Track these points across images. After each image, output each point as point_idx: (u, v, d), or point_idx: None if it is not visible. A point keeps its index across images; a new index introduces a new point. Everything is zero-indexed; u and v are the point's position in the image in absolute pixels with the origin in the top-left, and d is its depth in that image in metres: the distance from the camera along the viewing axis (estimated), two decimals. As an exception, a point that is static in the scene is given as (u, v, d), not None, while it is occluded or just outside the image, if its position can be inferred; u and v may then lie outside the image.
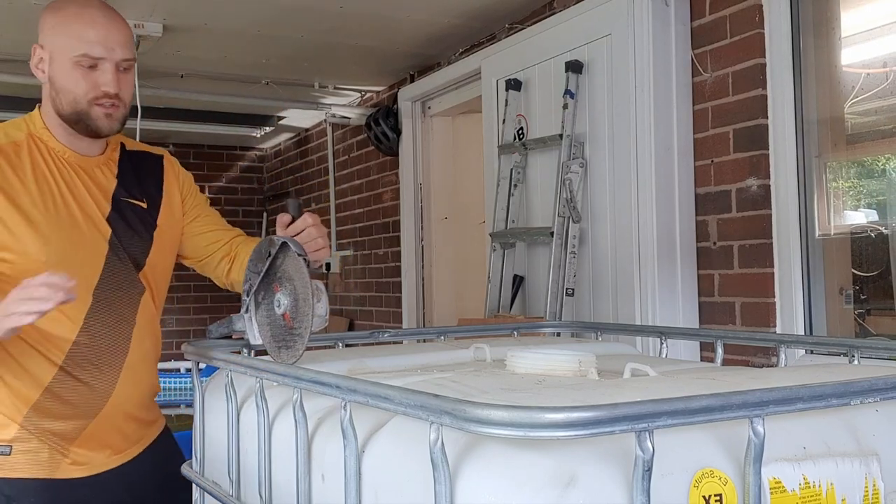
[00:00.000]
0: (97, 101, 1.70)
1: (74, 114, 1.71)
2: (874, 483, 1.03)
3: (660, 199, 2.74)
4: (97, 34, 1.67)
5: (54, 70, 1.70)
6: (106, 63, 1.68)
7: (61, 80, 1.69)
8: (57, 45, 1.69)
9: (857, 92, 2.58)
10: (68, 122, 1.73)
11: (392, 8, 3.49)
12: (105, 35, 1.68)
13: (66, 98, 1.70)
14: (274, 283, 1.53)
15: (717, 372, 1.47)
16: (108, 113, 1.72)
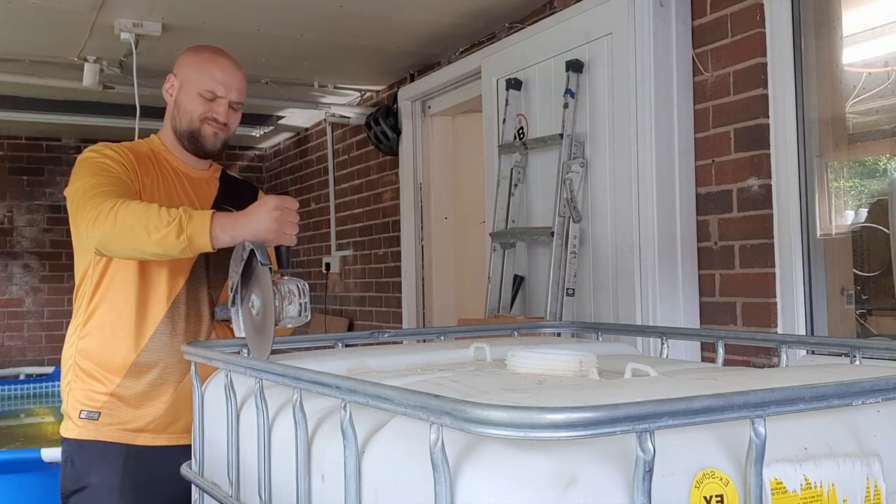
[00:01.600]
0: (208, 121, 2.12)
1: (188, 131, 2.13)
2: (876, 484, 1.03)
3: (660, 199, 2.73)
4: (223, 77, 2.12)
5: (181, 95, 2.13)
6: (222, 100, 2.12)
7: (185, 102, 2.12)
8: (189, 77, 2.13)
9: (859, 91, 2.58)
10: (181, 138, 2.15)
11: (392, 8, 3.49)
12: (228, 80, 2.12)
13: (185, 117, 2.13)
14: (250, 284, 1.71)
15: (719, 372, 1.47)
16: (216, 132, 2.14)
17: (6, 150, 6.21)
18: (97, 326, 2.08)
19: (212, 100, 2.11)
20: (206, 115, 2.12)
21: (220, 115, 2.13)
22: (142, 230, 1.76)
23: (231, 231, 1.75)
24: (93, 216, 1.82)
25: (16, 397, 5.46)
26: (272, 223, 1.74)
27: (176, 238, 1.74)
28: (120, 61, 4.03)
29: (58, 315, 6.33)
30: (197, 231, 1.75)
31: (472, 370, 1.44)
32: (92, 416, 2.05)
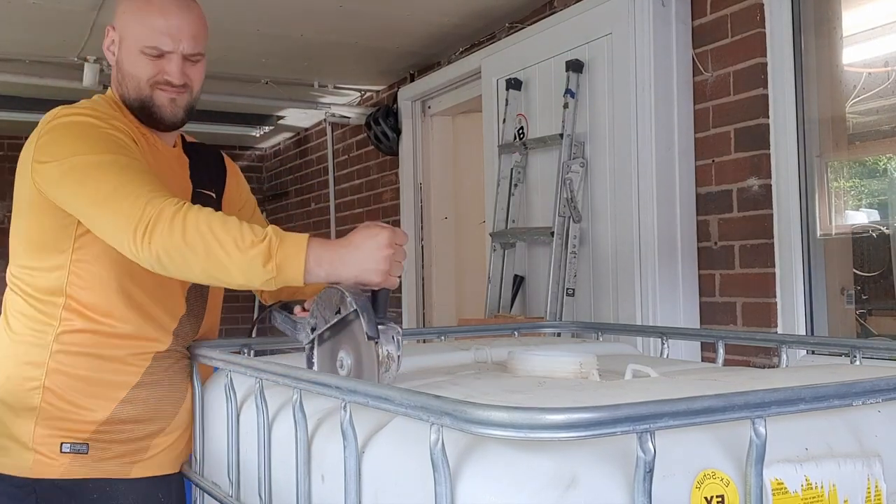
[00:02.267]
0: (159, 86, 1.64)
1: (138, 100, 1.65)
2: (876, 484, 1.02)
3: (661, 199, 2.73)
4: (166, 25, 1.61)
5: (122, 55, 1.66)
6: (172, 55, 1.63)
7: (127, 64, 1.65)
8: (127, 30, 1.65)
9: (859, 91, 2.58)
10: (132, 109, 1.67)
11: (392, 8, 3.49)
12: (174, 27, 1.62)
13: (131, 83, 1.65)
14: (341, 339, 1.38)
15: (719, 373, 1.47)
16: (172, 98, 1.66)
17: (6, 150, 6.20)
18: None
19: (159, 56, 1.63)
20: (154, 78, 1.64)
21: (173, 76, 1.64)
22: (219, 249, 1.35)
23: (329, 266, 1.36)
24: (145, 221, 1.38)
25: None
26: (382, 263, 1.36)
27: (263, 266, 1.34)
28: (120, 61, 4.02)
29: (58, 315, 6.33)
30: (288, 258, 1.35)
31: (472, 373, 1.44)
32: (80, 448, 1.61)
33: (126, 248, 1.42)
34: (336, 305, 1.36)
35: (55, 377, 1.59)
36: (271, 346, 1.93)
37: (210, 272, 1.38)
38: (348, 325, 1.36)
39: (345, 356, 1.36)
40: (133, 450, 1.65)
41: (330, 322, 1.37)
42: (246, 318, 6.75)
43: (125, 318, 1.62)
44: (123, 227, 1.40)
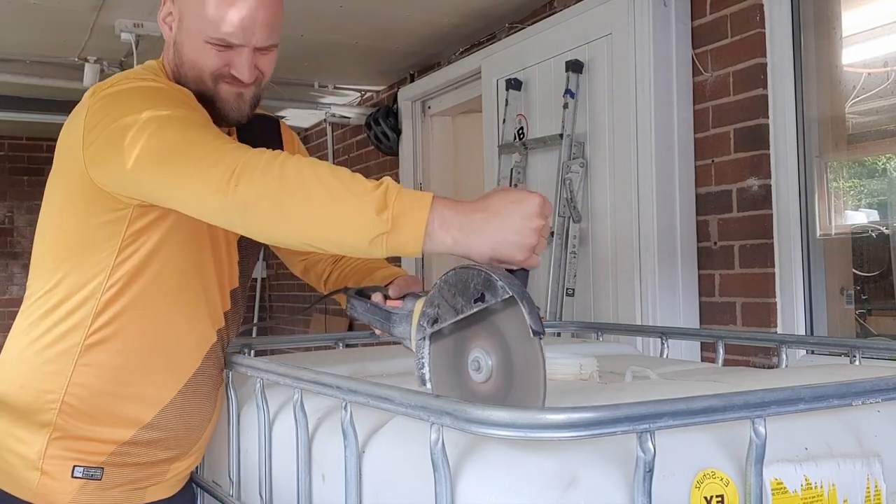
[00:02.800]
0: (225, 80, 1.42)
1: (198, 91, 1.41)
2: (876, 484, 1.03)
3: (660, 199, 2.73)
4: (239, 14, 1.36)
5: (183, 37, 1.41)
6: (243, 49, 1.40)
7: (189, 51, 1.40)
8: (192, 13, 1.38)
9: (858, 91, 2.58)
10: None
11: (392, 8, 3.49)
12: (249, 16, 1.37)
13: (192, 72, 1.42)
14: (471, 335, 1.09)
15: (719, 373, 1.47)
16: (239, 93, 1.44)
17: (6, 150, 6.21)
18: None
19: (226, 48, 1.39)
20: (220, 71, 1.41)
21: (243, 74, 1.42)
22: (325, 194, 1.10)
23: (458, 232, 1.08)
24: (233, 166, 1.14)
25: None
26: (529, 236, 1.11)
27: (376, 214, 1.07)
28: (120, 61, 4.02)
29: (58, 315, 6.33)
30: (409, 211, 1.08)
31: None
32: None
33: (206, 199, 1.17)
34: (477, 291, 1.06)
35: (77, 390, 1.39)
36: (272, 346, 1.93)
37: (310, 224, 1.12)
38: (488, 316, 1.07)
39: (483, 356, 1.06)
40: (150, 475, 1.47)
41: (465, 312, 1.07)
42: (246, 318, 6.75)
43: (165, 332, 1.43)
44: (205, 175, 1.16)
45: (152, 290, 1.40)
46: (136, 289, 1.39)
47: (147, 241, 1.37)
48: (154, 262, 1.39)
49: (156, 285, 1.40)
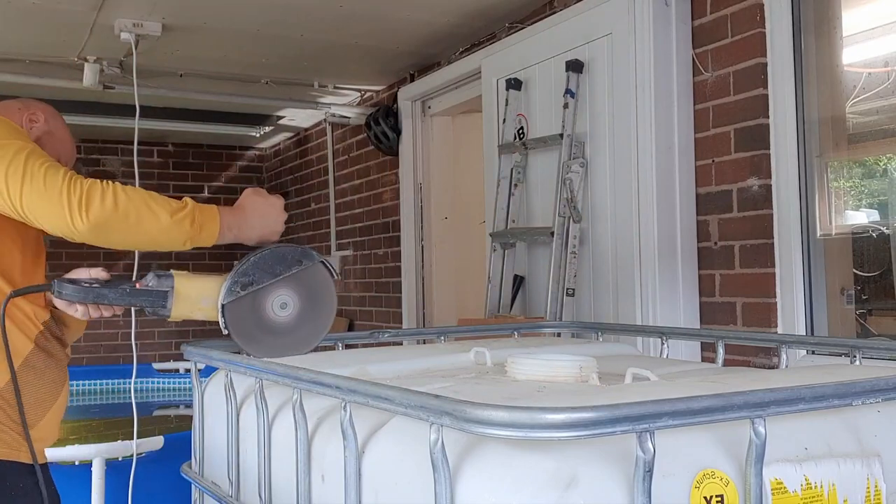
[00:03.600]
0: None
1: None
2: (876, 484, 1.02)
3: (661, 199, 2.73)
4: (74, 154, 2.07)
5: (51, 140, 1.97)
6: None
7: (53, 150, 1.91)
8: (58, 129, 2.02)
9: (859, 91, 2.58)
10: None
11: (392, 8, 3.49)
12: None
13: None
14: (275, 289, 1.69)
15: (719, 374, 1.47)
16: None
17: (6, 150, 6.20)
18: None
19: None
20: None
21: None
22: (150, 216, 1.61)
23: (237, 231, 1.72)
24: (76, 198, 1.58)
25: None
26: (279, 226, 1.75)
27: (190, 226, 1.64)
28: (120, 61, 4.03)
29: (58, 315, 6.33)
30: (207, 222, 1.66)
31: (472, 377, 1.43)
32: None
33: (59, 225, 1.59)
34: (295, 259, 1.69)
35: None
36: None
37: (143, 238, 1.64)
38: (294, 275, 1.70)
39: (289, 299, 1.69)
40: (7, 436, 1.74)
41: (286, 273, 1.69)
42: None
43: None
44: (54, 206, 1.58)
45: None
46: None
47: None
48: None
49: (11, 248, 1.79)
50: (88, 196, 1.58)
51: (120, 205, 1.59)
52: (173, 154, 6.67)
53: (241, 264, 1.67)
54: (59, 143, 2.00)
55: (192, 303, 1.67)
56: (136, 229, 1.61)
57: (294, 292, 1.70)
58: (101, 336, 6.36)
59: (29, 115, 1.97)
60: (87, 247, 1.94)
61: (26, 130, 1.88)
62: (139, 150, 3.44)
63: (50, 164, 1.64)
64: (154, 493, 2.74)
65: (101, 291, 1.66)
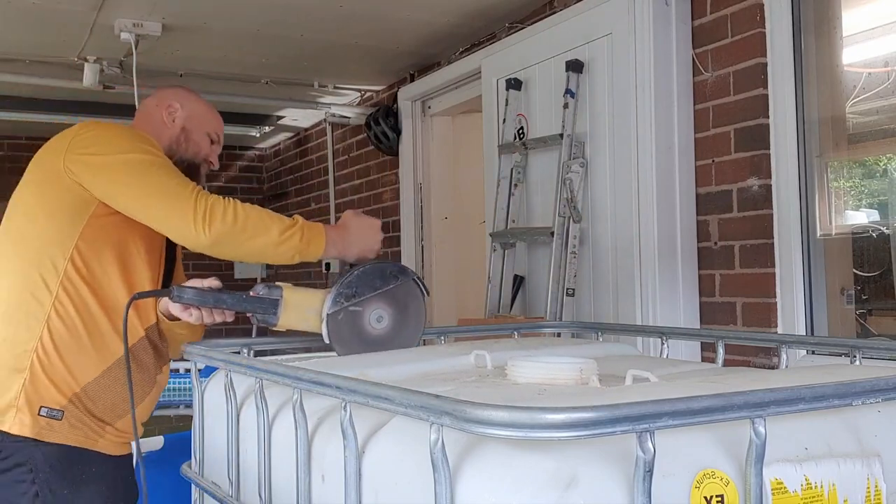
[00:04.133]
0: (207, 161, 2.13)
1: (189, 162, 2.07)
2: (876, 484, 1.03)
3: (661, 199, 2.73)
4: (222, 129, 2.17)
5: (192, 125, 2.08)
6: (217, 147, 2.15)
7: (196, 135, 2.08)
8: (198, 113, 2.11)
9: (859, 91, 2.58)
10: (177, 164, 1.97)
11: (392, 8, 3.49)
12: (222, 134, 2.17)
13: (193, 149, 2.08)
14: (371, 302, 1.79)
15: (719, 375, 1.47)
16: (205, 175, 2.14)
17: (6, 150, 6.20)
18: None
19: (214, 143, 2.13)
20: (208, 156, 2.12)
21: (216, 162, 2.14)
22: (264, 231, 1.77)
23: (340, 248, 1.85)
24: (201, 212, 1.74)
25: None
26: (377, 244, 1.90)
27: (299, 241, 1.79)
28: (120, 61, 4.03)
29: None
30: (314, 238, 1.81)
31: (472, 381, 1.43)
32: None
33: (184, 235, 1.76)
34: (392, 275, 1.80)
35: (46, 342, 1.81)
36: (271, 346, 1.94)
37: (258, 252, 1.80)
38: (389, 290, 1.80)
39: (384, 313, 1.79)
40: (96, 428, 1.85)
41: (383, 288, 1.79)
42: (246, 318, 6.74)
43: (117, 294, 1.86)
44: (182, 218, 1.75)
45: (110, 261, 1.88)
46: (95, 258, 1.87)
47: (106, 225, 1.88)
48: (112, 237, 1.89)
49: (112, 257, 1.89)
50: (212, 212, 1.74)
51: (239, 221, 1.75)
52: (173, 154, 6.66)
53: (345, 277, 1.77)
54: (203, 120, 2.10)
55: (298, 312, 1.75)
56: (250, 243, 1.77)
57: (389, 306, 1.80)
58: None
59: (166, 108, 2.08)
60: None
61: (169, 124, 2.05)
62: (139, 150, 3.43)
63: (178, 178, 1.82)
64: (154, 493, 2.74)
65: (219, 296, 1.76)
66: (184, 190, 1.78)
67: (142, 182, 1.80)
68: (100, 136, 1.87)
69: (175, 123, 2.08)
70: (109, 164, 1.82)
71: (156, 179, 1.80)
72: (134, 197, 1.80)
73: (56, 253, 1.82)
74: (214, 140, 2.13)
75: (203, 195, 1.77)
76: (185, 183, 1.81)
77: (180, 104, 2.10)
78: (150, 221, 1.81)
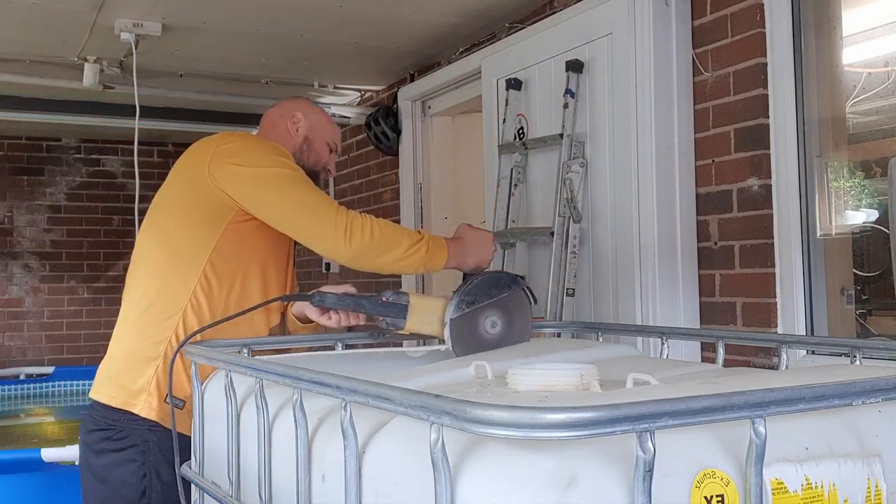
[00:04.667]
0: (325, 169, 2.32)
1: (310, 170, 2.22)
2: (876, 484, 1.03)
3: (661, 199, 2.73)
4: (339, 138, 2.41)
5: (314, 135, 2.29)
6: (334, 156, 2.34)
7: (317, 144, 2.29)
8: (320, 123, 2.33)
9: (859, 91, 2.58)
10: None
11: (392, 8, 3.49)
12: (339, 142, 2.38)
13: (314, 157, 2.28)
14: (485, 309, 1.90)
15: (720, 377, 1.47)
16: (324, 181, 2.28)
17: (6, 150, 6.21)
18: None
19: (332, 152, 2.32)
20: (327, 164, 2.31)
21: (333, 170, 2.35)
22: (396, 245, 1.92)
23: (460, 259, 2.01)
24: (342, 227, 1.89)
25: (16, 397, 5.47)
26: (490, 255, 2.06)
27: (425, 253, 1.94)
28: (120, 61, 4.03)
29: (58, 315, 6.33)
30: (438, 251, 1.97)
31: (473, 391, 1.42)
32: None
33: (330, 249, 1.92)
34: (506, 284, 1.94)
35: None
36: (271, 346, 1.94)
37: (391, 265, 1.95)
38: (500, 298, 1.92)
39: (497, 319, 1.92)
40: None
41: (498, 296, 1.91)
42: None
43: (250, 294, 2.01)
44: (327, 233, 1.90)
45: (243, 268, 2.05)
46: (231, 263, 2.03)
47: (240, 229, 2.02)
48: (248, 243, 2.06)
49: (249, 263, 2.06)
50: (352, 228, 1.89)
51: (375, 236, 1.91)
52: (173, 154, 6.67)
53: (465, 286, 1.89)
54: (324, 130, 2.30)
55: (422, 317, 1.88)
56: (384, 257, 1.93)
57: (502, 313, 1.92)
58: (102, 336, 6.37)
59: (290, 118, 2.26)
60: (85, 250, 2.01)
61: (293, 134, 2.24)
62: (139, 150, 3.44)
63: (320, 194, 1.97)
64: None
65: (359, 301, 1.92)
66: (328, 207, 1.93)
67: (288, 197, 1.94)
68: (244, 147, 2.02)
69: (298, 133, 2.26)
70: (255, 176, 1.96)
71: (301, 195, 1.95)
72: (281, 210, 1.95)
73: (196, 252, 1.96)
74: (333, 149, 2.31)
75: (343, 211, 1.92)
76: (328, 199, 1.97)
77: (303, 114, 2.29)
78: (297, 234, 1.98)
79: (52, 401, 5.46)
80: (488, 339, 1.90)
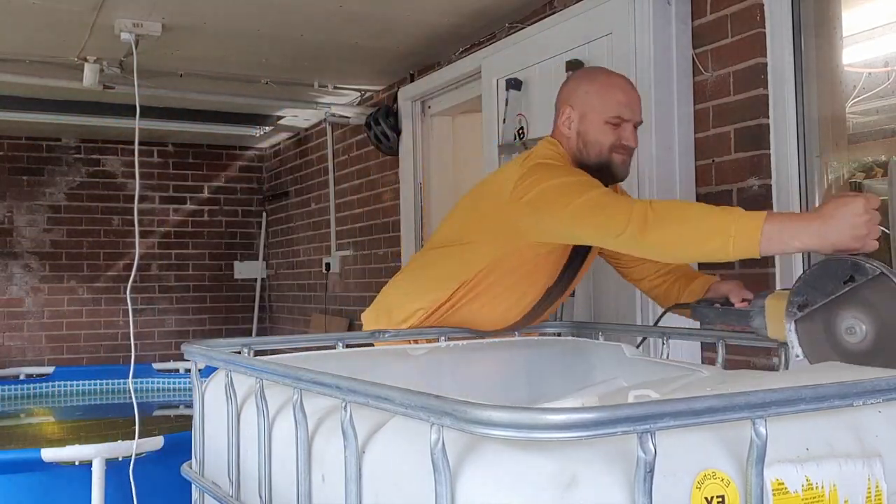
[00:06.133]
0: (616, 150, 2.03)
1: (598, 163, 2.03)
2: (877, 484, 1.02)
3: (660, 199, 2.73)
4: (626, 98, 2.04)
5: (586, 126, 2.05)
6: (628, 124, 2.03)
7: (593, 133, 2.04)
8: (591, 106, 2.04)
9: (859, 91, 2.58)
10: (589, 170, 2.01)
11: (392, 8, 3.49)
12: (631, 100, 2.04)
13: (594, 149, 2.04)
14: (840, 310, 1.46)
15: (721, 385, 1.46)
16: (624, 159, 2.04)
17: (6, 150, 6.21)
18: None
19: (618, 125, 2.02)
20: (615, 143, 2.02)
21: (630, 141, 2.04)
22: (694, 232, 1.65)
23: (790, 239, 1.52)
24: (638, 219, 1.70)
25: (16, 397, 5.46)
26: (861, 230, 1.45)
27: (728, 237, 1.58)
28: (120, 61, 4.02)
29: (58, 315, 6.33)
30: (743, 232, 1.55)
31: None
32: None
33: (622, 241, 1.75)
34: (845, 274, 1.43)
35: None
36: (271, 346, 1.94)
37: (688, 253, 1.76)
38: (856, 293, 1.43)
39: (857, 324, 1.42)
40: None
41: (837, 293, 1.45)
42: (246, 318, 6.76)
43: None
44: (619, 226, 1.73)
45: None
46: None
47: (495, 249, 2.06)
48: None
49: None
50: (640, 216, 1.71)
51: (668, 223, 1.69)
52: (173, 154, 6.68)
53: (795, 283, 1.55)
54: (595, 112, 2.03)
55: (776, 322, 1.65)
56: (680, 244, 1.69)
57: (862, 314, 1.42)
58: (102, 336, 6.37)
59: (563, 117, 2.09)
60: (85, 250, 1.97)
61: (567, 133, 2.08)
62: (139, 150, 3.44)
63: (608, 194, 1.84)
64: (154, 493, 2.74)
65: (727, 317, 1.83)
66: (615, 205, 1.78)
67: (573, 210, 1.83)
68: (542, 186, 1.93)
69: (571, 130, 2.08)
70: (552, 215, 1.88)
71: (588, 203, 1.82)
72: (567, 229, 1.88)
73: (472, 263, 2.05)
74: (616, 123, 2.02)
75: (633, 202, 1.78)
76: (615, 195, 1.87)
77: (571, 105, 2.08)
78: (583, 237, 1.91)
79: (52, 401, 5.46)
80: (853, 351, 1.44)
